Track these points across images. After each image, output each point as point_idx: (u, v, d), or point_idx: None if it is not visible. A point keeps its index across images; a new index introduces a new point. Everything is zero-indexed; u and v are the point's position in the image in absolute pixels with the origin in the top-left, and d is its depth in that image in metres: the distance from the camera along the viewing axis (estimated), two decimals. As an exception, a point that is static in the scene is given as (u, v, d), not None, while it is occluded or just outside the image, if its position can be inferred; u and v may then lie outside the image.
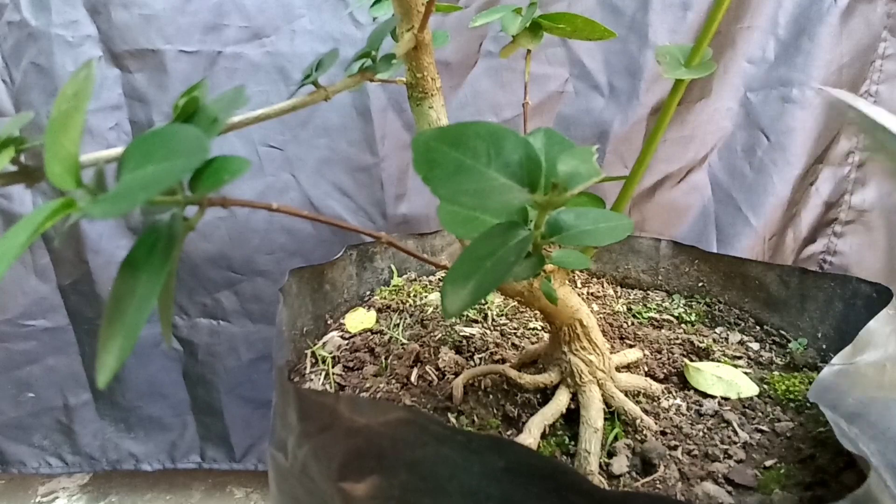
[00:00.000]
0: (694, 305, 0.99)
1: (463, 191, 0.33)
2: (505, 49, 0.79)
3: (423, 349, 0.84)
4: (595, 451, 0.62)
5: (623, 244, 1.09)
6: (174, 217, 0.35)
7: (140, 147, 0.33)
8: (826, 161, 1.14)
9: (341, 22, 1.13)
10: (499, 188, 0.34)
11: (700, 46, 0.52)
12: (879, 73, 1.09)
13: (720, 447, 0.65)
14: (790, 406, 0.72)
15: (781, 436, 0.67)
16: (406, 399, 0.74)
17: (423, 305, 1.00)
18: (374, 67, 0.58)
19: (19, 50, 1.04)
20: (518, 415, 0.70)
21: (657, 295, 1.05)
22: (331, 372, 0.82)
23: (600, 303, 1.01)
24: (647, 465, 0.62)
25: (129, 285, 0.32)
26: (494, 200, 0.33)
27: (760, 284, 0.92)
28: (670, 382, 0.78)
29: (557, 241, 0.45)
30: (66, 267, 1.14)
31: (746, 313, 0.95)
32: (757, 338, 0.89)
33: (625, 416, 0.68)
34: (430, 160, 0.33)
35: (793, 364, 0.81)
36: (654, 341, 0.86)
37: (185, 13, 1.08)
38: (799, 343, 0.84)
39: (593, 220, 0.45)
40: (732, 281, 0.97)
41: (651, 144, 0.58)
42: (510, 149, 0.35)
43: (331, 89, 0.57)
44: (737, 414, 0.70)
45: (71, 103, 0.34)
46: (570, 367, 0.70)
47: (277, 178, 1.17)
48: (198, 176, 0.35)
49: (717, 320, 0.95)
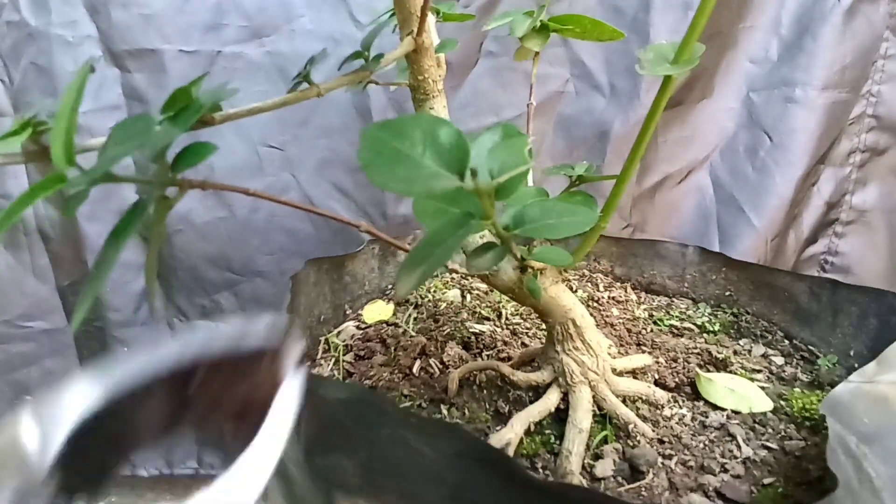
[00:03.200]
0: (719, 315, 0.97)
1: (396, 177, 0.34)
2: (518, 52, 0.79)
3: (430, 342, 0.84)
4: (577, 452, 0.62)
5: (649, 249, 1.08)
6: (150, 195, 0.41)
7: (114, 134, 0.39)
8: (827, 161, 1.13)
9: (341, 21, 1.13)
10: (429, 175, 0.35)
11: (688, 42, 0.51)
12: (881, 74, 1.07)
13: (718, 460, 0.63)
14: (805, 424, 0.70)
15: (790, 454, 0.65)
16: (405, 389, 0.76)
17: (439, 301, 1.01)
18: (367, 67, 0.61)
19: (18, 50, 1.04)
20: (508, 411, 0.71)
21: (682, 302, 1.03)
22: (341, 359, 0.85)
23: (621, 307, 0.99)
24: (636, 471, 0.61)
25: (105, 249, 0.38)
26: (423, 186, 0.35)
27: (790, 296, 0.90)
28: (681, 392, 0.76)
29: (521, 234, 0.46)
30: (65, 268, 1.14)
31: (775, 326, 0.92)
32: (784, 352, 0.87)
33: (617, 419, 0.68)
34: (374, 150, 0.35)
35: (818, 381, 0.78)
36: (672, 349, 0.84)
37: (185, 13, 1.07)
38: (828, 360, 0.82)
39: (557, 215, 0.46)
40: (761, 291, 0.94)
41: (640, 144, 0.57)
42: (443, 139, 0.36)
43: (324, 87, 0.58)
44: (744, 428, 0.69)
45: (70, 95, 0.39)
46: (561, 366, 0.69)
47: (278, 178, 1.17)
48: (177, 160, 0.41)
49: (743, 331, 0.93)
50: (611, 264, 1.12)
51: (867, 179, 1.12)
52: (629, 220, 1.23)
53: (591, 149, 1.21)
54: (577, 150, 1.21)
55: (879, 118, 1.09)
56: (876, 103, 1.09)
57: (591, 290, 1.04)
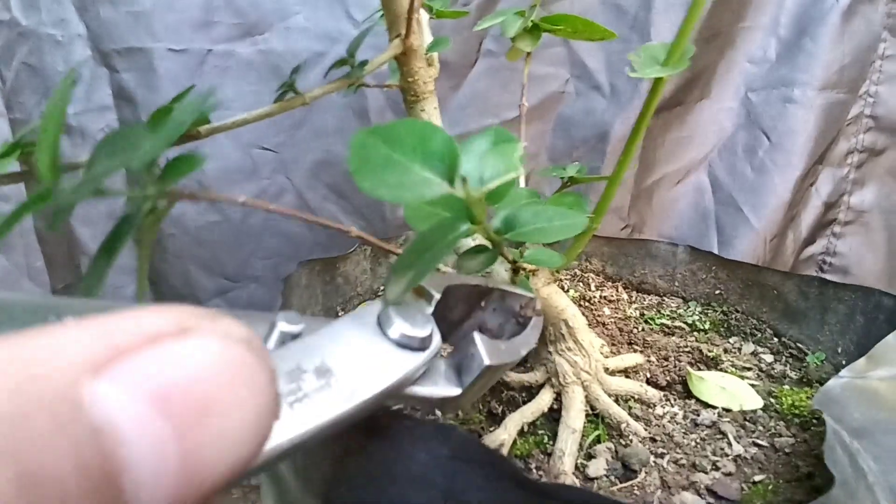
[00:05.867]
0: (710, 313, 0.97)
1: (385, 183, 0.34)
2: (510, 52, 0.79)
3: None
4: (570, 452, 0.62)
5: (640, 248, 1.08)
6: (139, 208, 0.39)
7: (102, 147, 0.38)
8: (826, 162, 1.12)
9: (337, 19, 1.11)
10: (419, 181, 0.35)
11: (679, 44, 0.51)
12: (879, 74, 1.07)
13: (710, 458, 0.63)
14: (794, 422, 0.70)
15: (780, 451, 0.65)
16: None
17: (460, 341, 1.00)
18: (352, 74, 0.63)
19: (10, 49, 1.02)
20: (502, 411, 0.70)
21: (672, 301, 1.03)
22: None
23: (612, 307, 0.99)
24: (628, 470, 0.61)
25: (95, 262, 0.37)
26: (413, 192, 0.35)
27: (779, 294, 0.90)
28: (672, 390, 0.76)
29: (512, 238, 0.46)
30: (59, 270, 1.13)
31: (764, 324, 0.92)
32: (773, 350, 0.87)
33: (609, 419, 0.67)
34: (363, 156, 0.34)
35: (806, 378, 0.79)
36: (663, 348, 0.84)
37: (174, 10, 1.05)
38: (816, 357, 0.82)
39: (548, 218, 0.46)
40: (751, 290, 0.94)
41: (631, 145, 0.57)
42: (434, 145, 0.36)
43: (309, 95, 0.59)
44: (735, 426, 0.69)
45: (53, 107, 0.38)
46: (554, 367, 0.69)
47: (272, 181, 1.16)
48: (166, 171, 0.40)
49: (733, 330, 0.93)
50: (602, 264, 1.11)
51: (865, 180, 1.12)
52: (627, 220, 1.22)
53: (590, 149, 1.20)
54: (577, 150, 1.21)
55: (877, 119, 1.09)
56: (874, 104, 1.08)
57: (583, 289, 1.04)
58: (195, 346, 0.18)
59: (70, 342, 0.16)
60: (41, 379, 0.15)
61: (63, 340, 0.16)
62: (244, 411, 0.18)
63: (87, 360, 0.16)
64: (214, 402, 0.17)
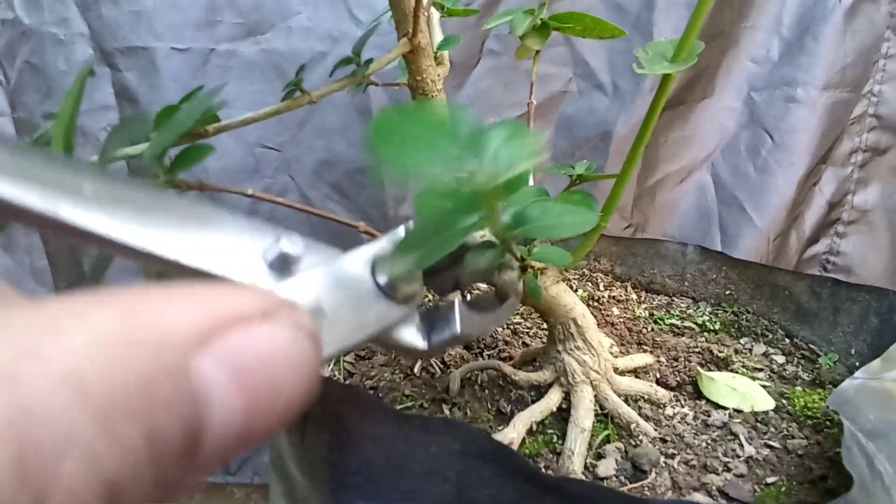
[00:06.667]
0: (720, 314, 0.97)
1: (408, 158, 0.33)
2: (519, 50, 0.78)
3: (431, 342, 0.84)
4: (580, 452, 0.62)
5: (649, 248, 1.08)
6: None
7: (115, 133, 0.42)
8: (829, 161, 1.12)
9: (340, 19, 1.11)
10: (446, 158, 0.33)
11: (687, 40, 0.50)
12: (882, 73, 1.07)
13: (721, 459, 0.63)
14: (807, 423, 0.70)
15: (792, 453, 0.65)
16: (406, 389, 0.75)
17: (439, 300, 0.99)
18: (358, 73, 0.64)
19: (13, 48, 1.02)
20: (511, 410, 0.70)
21: (682, 301, 1.03)
22: (342, 359, 0.84)
23: (622, 307, 0.99)
24: (638, 470, 0.61)
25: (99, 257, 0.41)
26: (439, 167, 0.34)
27: (790, 294, 0.90)
28: (682, 391, 0.76)
29: (521, 234, 0.45)
30: (63, 269, 1.13)
31: (776, 325, 0.92)
32: (784, 351, 0.87)
33: (619, 419, 0.67)
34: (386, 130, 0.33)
35: (819, 380, 0.78)
36: (672, 348, 0.84)
37: (177, 9, 1.05)
38: (829, 358, 0.82)
39: (558, 215, 0.45)
40: (761, 290, 0.94)
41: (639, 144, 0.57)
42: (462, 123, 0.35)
43: (315, 94, 0.59)
44: (746, 427, 0.69)
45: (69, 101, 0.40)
46: (563, 366, 0.69)
47: (275, 179, 1.16)
48: (175, 163, 0.42)
49: (744, 330, 0.92)
50: (611, 263, 1.11)
51: (868, 179, 1.12)
52: (630, 219, 1.22)
53: (593, 149, 1.20)
54: (580, 149, 1.21)
55: (881, 118, 1.09)
56: (877, 103, 1.08)
57: (592, 289, 1.04)
58: (274, 331, 0.21)
59: (181, 312, 0.19)
60: (165, 349, 0.17)
61: (175, 309, 0.19)
62: (296, 393, 0.21)
63: (195, 332, 0.18)
64: (279, 383, 0.20)
